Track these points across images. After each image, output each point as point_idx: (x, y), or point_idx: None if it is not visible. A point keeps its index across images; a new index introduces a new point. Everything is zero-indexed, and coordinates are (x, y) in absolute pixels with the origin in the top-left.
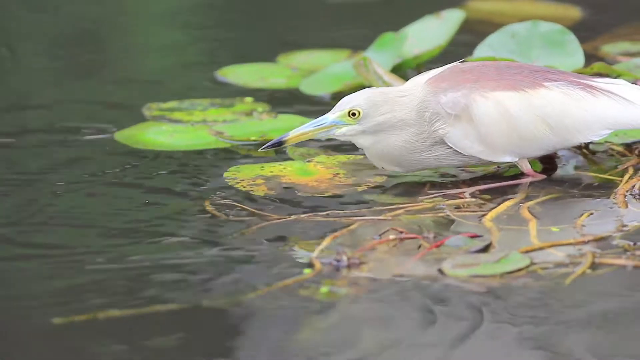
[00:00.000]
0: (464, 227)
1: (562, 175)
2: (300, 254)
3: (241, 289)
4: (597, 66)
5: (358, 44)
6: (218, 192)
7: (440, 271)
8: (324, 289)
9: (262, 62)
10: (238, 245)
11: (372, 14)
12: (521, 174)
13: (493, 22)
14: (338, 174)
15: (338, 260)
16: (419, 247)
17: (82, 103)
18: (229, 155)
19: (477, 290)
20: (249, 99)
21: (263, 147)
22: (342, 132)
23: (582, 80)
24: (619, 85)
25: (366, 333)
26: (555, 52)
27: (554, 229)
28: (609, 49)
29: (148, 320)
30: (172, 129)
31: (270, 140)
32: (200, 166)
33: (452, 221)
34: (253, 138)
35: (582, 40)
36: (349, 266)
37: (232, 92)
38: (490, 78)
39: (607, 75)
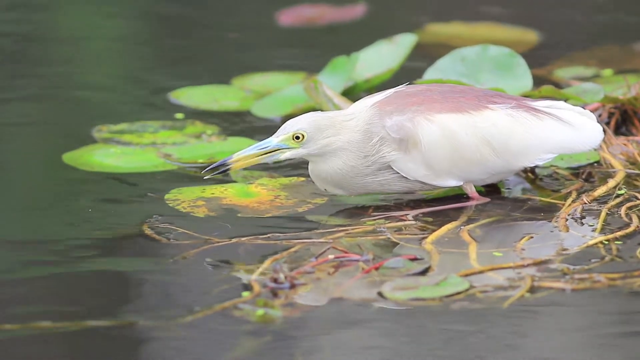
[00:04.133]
0: (405, 249)
1: (506, 198)
2: (240, 276)
3: (178, 310)
4: (545, 89)
5: (315, 67)
6: (160, 215)
7: (380, 294)
8: (259, 312)
9: (217, 85)
10: (178, 267)
11: (332, 38)
12: (465, 197)
13: (450, 45)
14: (279, 195)
15: (275, 280)
16: (361, 269)
17: (32, 124)
18: (176, 177)
19: (415, 313)
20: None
21: (205, 170)
22: (287, 157)
23: (525, 103)
24: (562, 109)
25: (298, 354)
26: (504, 75)
27: (496, 253)
28: (562, 73)
29: (81, 335)
30: (121, 151)
31: (214, 163)
32: (145, 188)
33: (393, 244)
34: (201, 161)
35: (538, 64)
36: (286, 287)
37: (184, 115)
38: (435, 101)
39: (555, 99)
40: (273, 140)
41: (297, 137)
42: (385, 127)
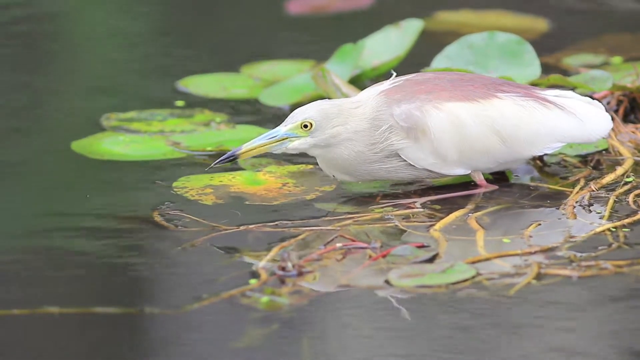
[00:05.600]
0: (412, 237)
1: (514, 186)
2: (247, 264)
3: (185, 298)
4: (553, 78)
5: (323, 55)
6: (168, 202)
7: (386, 281)
8: (265, 299)
9: (226, 72)
10: (185, 255)
11: (341, 26)
12: (473, 185)
13: (459, 33)
14: (287, 183)
15: (283, 268)
16: (368, 257)
17: (40, 112)
18: (184, 165)
19: (421, 301)
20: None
21: (216, 162)
22: (295, 146)
23: (534, 92)
24: (570, 99)
25: (305, 341)
26: (512, 63)
27: (505, 239)
28: (571, 60)
29: (88, 321)
30: (129, 139)
31: (224, 154)
32: (153, 176)
33: (401, 231)
34: (209, 149)
35: (547, 51)
36: (293, 274)
37: (192, 102)
38: (444, 89)
39: (563, 87)
40: (281, 129)
41: (306, 126)
42: (393, 115)
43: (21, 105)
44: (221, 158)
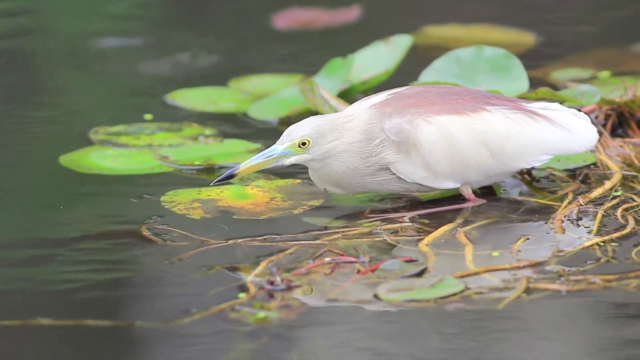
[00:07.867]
0: (401, 251)
1: (502, 200)
2: (236, 278)
3: (174, 312)
4: (541, 91)
5: (311, 69)
6: (155, 217)
7: (375, 295)
8: (261, 314)
9: (214, 86)
10: (174, 269)
11: (328, 40)
12: (462, 199)
13: (447, 47)
14: (275, 197)
15: (272, 282)
16: (357, 271)
17: (29, 125)
18: (171, 179)
19: (410, 315)
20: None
21: (214, 182)
22: (291, 162)
23: (521, 105)
24: (557, 111)
25: (294, 355)
26: (499, 77)
27: (495, 253)
28: (559, 75)
29: (78, 334)
30: (117, 153)
31: (212, 169)
32: (141, 191)
33: (390, 245)
34: (197, 163)
35: (535, 66)
36: (282, 288)
37: (180, 116)
38: (433, 103)
39: (551, 101)
40: (278, 148)
41: (304, 144)
42: (384, 129)
43: (8, 118)
44: (219, 178)
